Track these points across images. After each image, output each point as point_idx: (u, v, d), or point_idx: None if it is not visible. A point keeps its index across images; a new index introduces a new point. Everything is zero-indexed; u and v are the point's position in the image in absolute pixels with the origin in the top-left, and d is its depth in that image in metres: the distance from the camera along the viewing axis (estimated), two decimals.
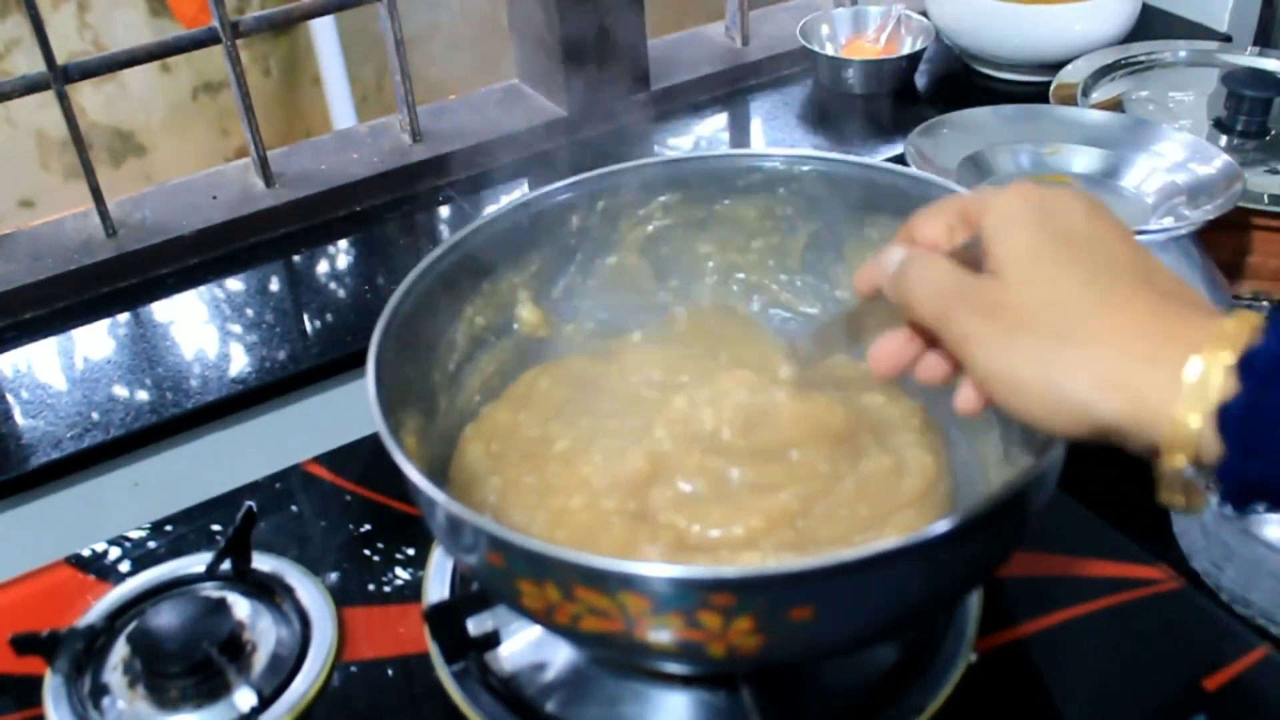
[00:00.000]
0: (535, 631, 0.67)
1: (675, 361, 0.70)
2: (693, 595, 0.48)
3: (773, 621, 0.49)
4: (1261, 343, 0.40)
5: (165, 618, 0.67)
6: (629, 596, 0.48)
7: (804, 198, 0.73)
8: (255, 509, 0.72)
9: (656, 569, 0.49)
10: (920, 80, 1.24)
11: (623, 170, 0.73)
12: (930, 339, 0.51)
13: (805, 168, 0.72)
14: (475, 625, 0.65)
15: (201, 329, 0.93)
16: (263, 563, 0.73)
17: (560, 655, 0.66)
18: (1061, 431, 0.44)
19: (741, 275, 0.77)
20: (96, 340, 0.92)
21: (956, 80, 1.25)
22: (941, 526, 0.48)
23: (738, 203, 0.74)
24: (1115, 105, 1.09)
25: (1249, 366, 0.39)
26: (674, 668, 0.61)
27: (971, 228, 0.49)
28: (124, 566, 0.76)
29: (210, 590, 0.72)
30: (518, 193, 1.08)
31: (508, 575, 0.52)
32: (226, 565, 0.72)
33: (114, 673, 0.67)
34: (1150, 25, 1.26)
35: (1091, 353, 0.42)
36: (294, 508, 0.79)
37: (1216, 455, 0.40)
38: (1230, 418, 0.39)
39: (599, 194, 0.73)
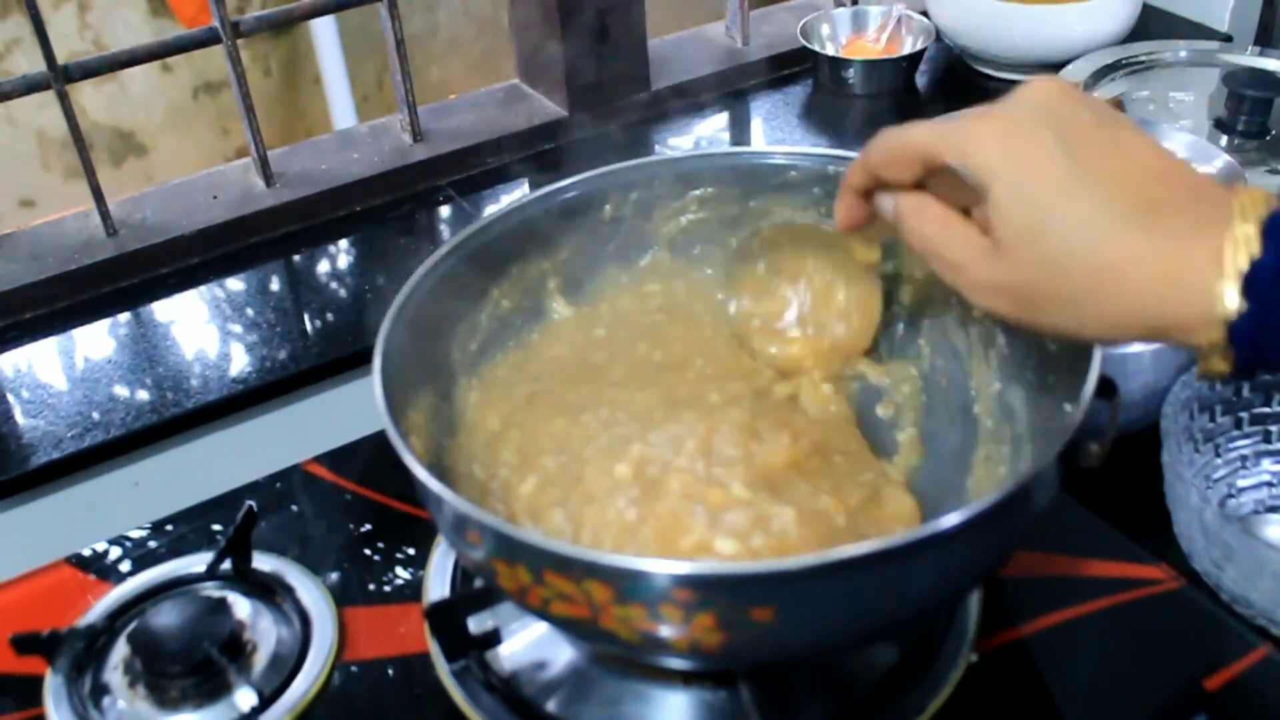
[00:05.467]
0: (536, 630, 0.67)
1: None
2: (653, 588, 0.48)
3: (733, 620, 0.49)
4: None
5: (165, 617, 0.67)
6: (593, 584, 0.49)
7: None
8: (255, 509, 0.72)
9: (618, 559, 0.49)
10: (920, 80, 1.24)
11: (656, 163, 0.73)
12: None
13: (841, 168, 0.72)
14: (476, 624, 0.65)
15: (202, 329, 0.93)
16: (263, 563, 0.73)
17: (561, 654, 0.66)
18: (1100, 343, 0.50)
19: None
20: (97, 340, 0.92)
21: (956, 80, 1.25)
22: (900, 539, 0.48)
23: (771, 201, 0.73)
24: (1116, 105, 1.09)
25: (1272, 232, 0.42)
26: (653, 661, 0.61)
27: (943, 164, 0.49)
28: (124, 566, 0.76)
29: (210, 590, 0.72)
30: (518, 193, 1.08)
31: (485, 555, 0.52)
32: (227, 565, 0.72)
33: (114, 672, 0.67)
34: (1150, 25, 1.26)
35: (1117, 299, 0.45)
36: (294, 508, 0.79)
37: (1238, 314, 0.43)
38: (1260, 276, 0.42)
39: (633, 185, 0.72)
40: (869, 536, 0.60)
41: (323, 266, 1.01)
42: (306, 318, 0.95)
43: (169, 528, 0.78)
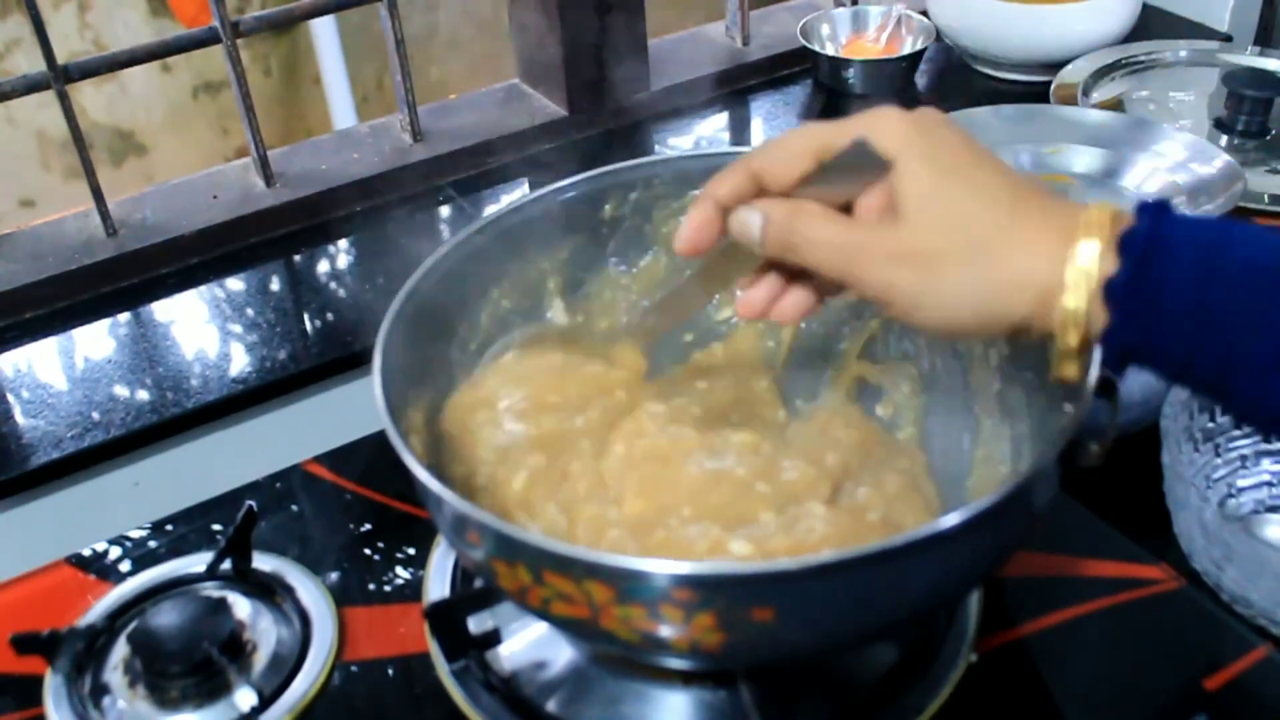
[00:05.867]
0: (536, 630, 0.67)
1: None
2: (653, 588, 0.48)
3: (734, 620, 0.49)
4: (1137, 225, 0.46)
5: (166, 617, 0.67)
6: (593, 585, 0.49)
7: None
8: (255, 509, 0.72)
9: (619, 559, 0.49)
10: (920, 80, 1.24)
11: (656, 163, 0.72)
12: (791, 275, 0.55)
13: None
14: (475, 624, 0.65)
15: (202, 329, 0.93)
16: (263, 562, 0.73)
17: (561, 654, 0.66)
18: (980, 336, 0.54)
19: None
20: (97, 340, 0.92)
21: (957, 80, 1.25)
22: (900, 539, 0.48)
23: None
24: (1116, 105, 1.09)
25: (1128, 246, 0.45)
26: (653, 661, 0.61)
27: (843, 146, 0.50)
28: (124, 566, 0.76)
29: (210, 590, 0.72)
30: (518, 193, 1.08)
31: (485, 555, 0.52)
32: (227, 565, 0.72)
33: (114, 672, 0.67)
34: (1150, 25, 1.26)
35: (1009, 265, 0.47)
36: (294, 507, 0.80)
37: (1102, 325, 0.46)
38: (1115, 290, 0.45)
39: (633, 185, 0.72)
40: (905, 528, 0.60)
41: (323, 266, 1.01)
42: (306, 318, 0.95)
43: (169, 528, 0.78)
